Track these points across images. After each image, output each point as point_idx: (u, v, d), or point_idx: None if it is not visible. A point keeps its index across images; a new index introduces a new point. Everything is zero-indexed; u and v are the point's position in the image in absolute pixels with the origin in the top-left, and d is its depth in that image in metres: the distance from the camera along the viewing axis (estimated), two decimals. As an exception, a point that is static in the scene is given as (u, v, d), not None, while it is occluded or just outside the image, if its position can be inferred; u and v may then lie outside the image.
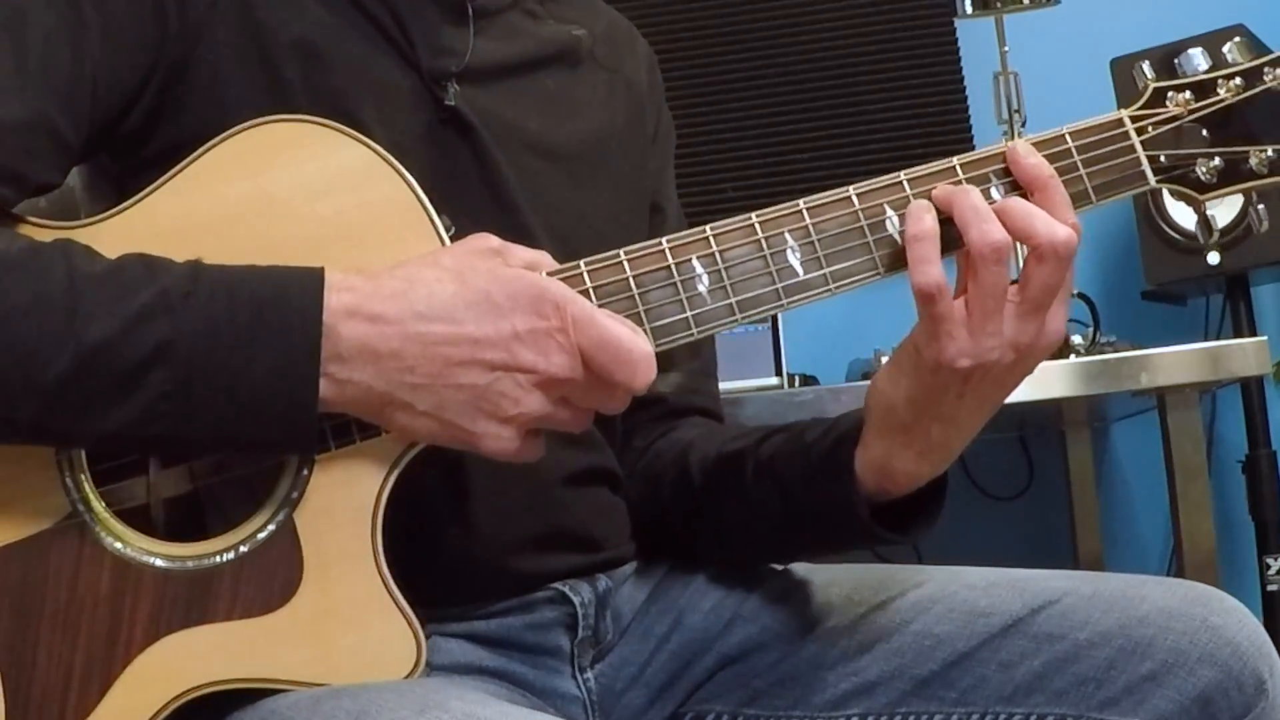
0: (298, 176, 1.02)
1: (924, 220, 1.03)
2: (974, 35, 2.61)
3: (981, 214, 1.01)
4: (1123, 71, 2.30)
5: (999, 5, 2.31)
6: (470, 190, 1.14)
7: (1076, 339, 2.18)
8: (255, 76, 1.08)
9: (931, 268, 1.01)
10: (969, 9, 2.34)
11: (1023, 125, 2.28)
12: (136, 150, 1.09)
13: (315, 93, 1.09)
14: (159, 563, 0.99)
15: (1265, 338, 2.04)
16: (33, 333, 0.93)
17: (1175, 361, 2.01)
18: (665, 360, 1.28)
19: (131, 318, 0.94)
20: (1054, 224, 1.01)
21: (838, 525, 1.11)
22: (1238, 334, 2.40)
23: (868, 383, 1.11)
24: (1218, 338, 2.56)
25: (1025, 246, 1.02)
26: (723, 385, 1.41)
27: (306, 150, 1.02)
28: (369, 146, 1.03)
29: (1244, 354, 2.00)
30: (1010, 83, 2.30)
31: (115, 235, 1.00)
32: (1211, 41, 2.16)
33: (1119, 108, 1.12)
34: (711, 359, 1.37)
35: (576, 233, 1.04)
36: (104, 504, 1.00)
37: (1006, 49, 2.33)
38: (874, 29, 2.75)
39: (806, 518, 1.13)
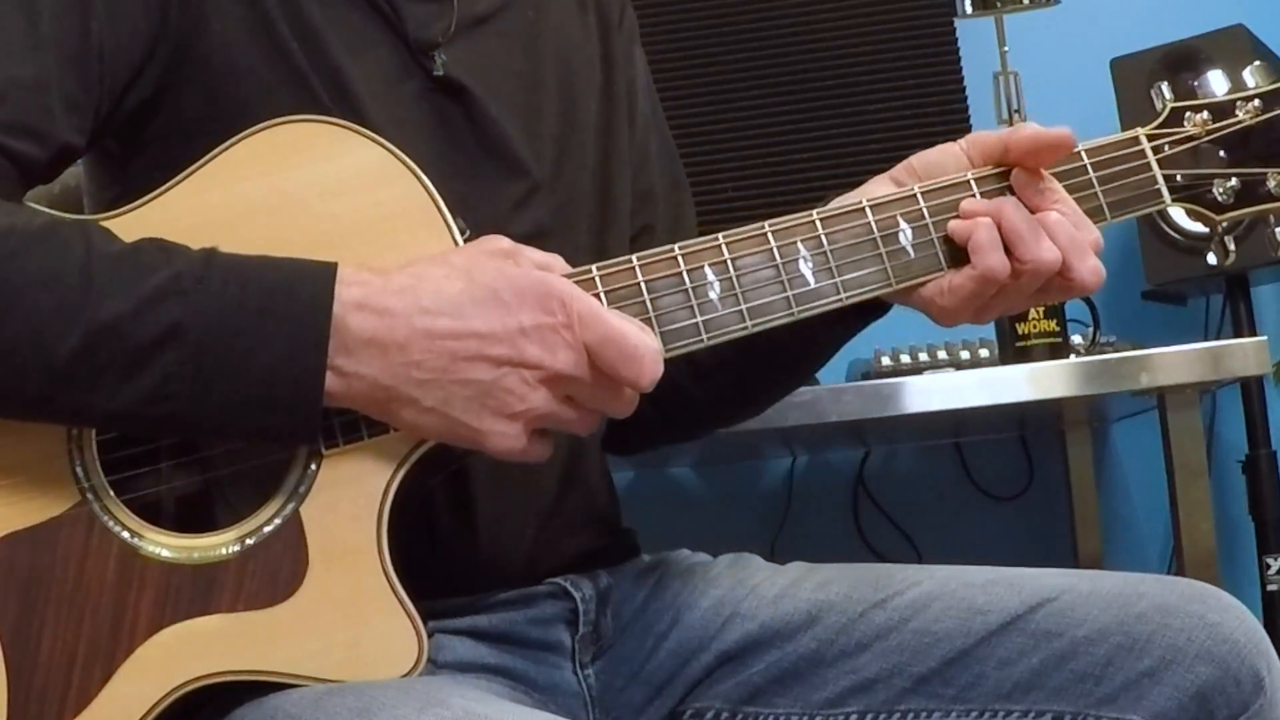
0: (313, 176, 1.03)
1: (979, 217, 1.06)
2: (974, 35, 2.60)
3: (1037, 230, 1.05)
4: (1123, 71, 2.30)
5: (999, 5, 2.31)
6: (471, 152, 1.15)
7: (1076, 339, 2.18)
8: (260, 51, 1.09)
9: (998, 253, 1.04)
10: (969, 9, 2.34)
11: (1023, 125, 2.28)
12: (141, 128, 1.09)
13: (316, 68, 1.10)
14: (165, 553, 1.00)
15: (1265, 338, 2.04)
16: (47, 306, 0.94)
17: (1175, 361, 2.00)
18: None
19: (145, 298, 0.95)
20: (1086, 259, 1.06)
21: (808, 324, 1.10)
22: (1238, 334, 2.40)
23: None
24: (1218, 338, 2.55)
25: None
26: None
27: (322, 150, 1.03)
28: (384, 147, 1.03)
29: (1244, 354, 2.00)
30: (1010, 83, 2.30)
31: (130, 231, 1.00)
32: (1213, 43, 2.16)
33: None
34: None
35: (569, 146, 1.08)
36: (114, 493, 1.01)
37: (1006, 49, 2.33)
38: (874, 29, 2.74)
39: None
